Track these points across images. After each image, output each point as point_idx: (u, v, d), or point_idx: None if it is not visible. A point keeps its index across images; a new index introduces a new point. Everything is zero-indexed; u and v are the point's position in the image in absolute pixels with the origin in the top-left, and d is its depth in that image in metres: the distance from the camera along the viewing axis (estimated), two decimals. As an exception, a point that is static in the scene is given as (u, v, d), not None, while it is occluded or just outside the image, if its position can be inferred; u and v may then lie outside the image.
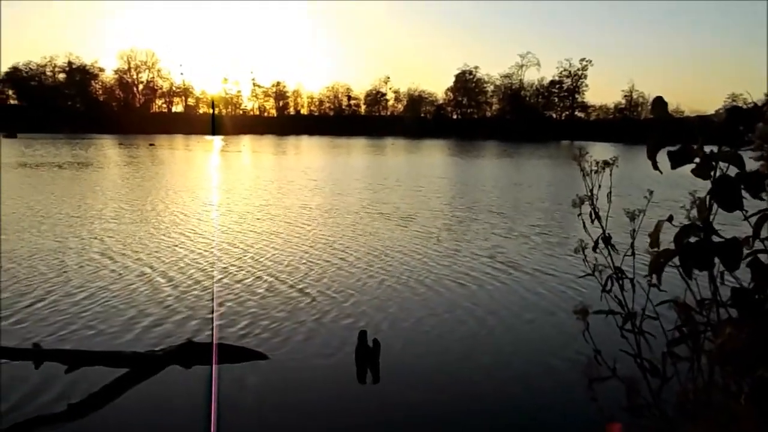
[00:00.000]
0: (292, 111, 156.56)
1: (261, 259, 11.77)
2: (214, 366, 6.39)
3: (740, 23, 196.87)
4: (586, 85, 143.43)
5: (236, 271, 10.81)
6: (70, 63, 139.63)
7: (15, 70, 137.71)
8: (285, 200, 21.48)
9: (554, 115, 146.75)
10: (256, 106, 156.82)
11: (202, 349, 6.59)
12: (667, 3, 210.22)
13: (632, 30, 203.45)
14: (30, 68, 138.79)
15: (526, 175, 35.96)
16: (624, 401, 1.59)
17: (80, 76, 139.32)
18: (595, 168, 1.78)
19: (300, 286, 9.77)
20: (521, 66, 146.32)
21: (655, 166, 1.51)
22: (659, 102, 1.50)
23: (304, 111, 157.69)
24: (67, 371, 5.97)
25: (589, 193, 1.80)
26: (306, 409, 5.62)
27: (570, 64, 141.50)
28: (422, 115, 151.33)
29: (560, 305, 8.87)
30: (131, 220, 16.26)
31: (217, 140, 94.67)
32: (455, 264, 11.58)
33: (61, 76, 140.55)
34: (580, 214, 1.82)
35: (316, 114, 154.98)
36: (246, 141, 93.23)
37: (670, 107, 1.52)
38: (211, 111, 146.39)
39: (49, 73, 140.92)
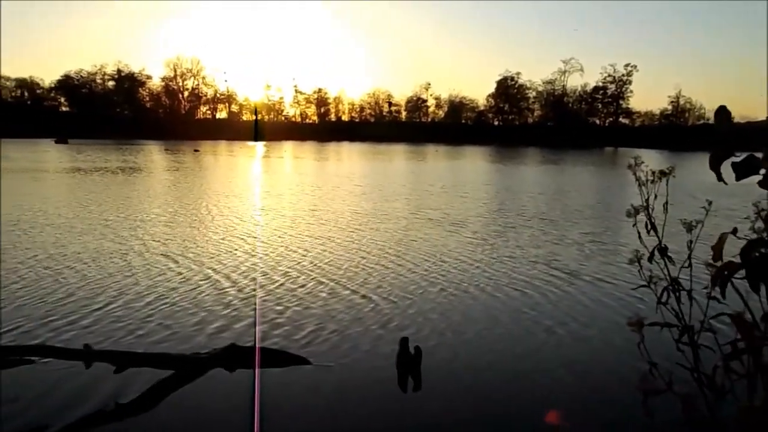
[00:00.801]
0: (333, 117, 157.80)
1: (308, 264, 11.87)
2: (256, 370, 6.45)
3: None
4: (631, 91, 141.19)
5: (282, 275, 10.91)
6: (119, 71, 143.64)
7: (67, 78, 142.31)
8: (333, 205, 21.63)
9: (598, 122, 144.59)
10: (298, 112, 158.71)
11: (245, 353, 6.66)
12: (716, 7, 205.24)
13: (679, 34, 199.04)
14: (81, 76, 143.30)
15: (572, 182, 35.53)
16: (680, 416, 1.55)
17: (128, 83, 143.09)
18: (651, 177, 1.75)
19: (346, 291, 9.82)
20: (564, 72, 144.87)
21: (720, 178, 1.48)
22: (723, 111, 1.47)
23: (345, 117, 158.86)
24: (116, 372, 6.11)
25: (645, 203, 1.77)
26: (347, 415, 5.63)
27: (614, 69, 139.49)
28: (463, 121, 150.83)
29: (614, 316, 8.67)
30: (180, 224, 16.60)
31: (260, 146, 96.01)
32: (506, 271, 11.48)
33: (111, 83, 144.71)
34: (634, 224, 1.79)
35: (357, 120, 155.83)
36: (288, 147, 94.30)
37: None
38: (254, 117, 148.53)
39: (99, 81, 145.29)
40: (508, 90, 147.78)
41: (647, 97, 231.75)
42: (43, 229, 15.29)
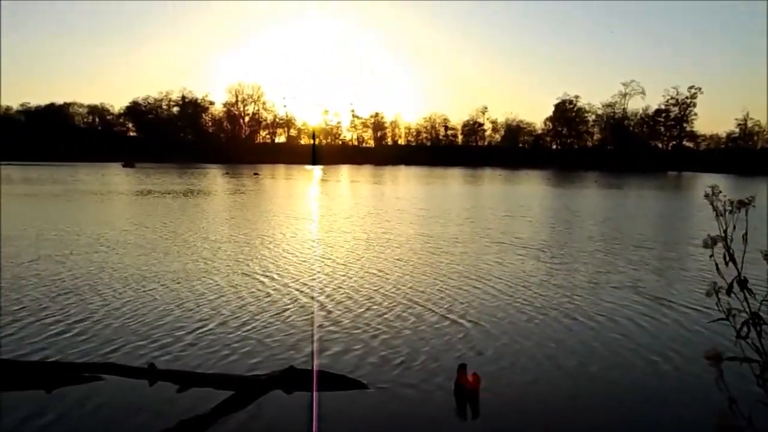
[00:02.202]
0: (389, 141, 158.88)
1: (369, 286, 11.94)
2: (314, 393, 6.48)
3: None
4: (695, 114, 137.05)
5: (342, 297, 10.98)
6: (183, 97, 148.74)
7: (135, 105, 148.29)
8: (398, 228, 21.72)
9: (660, 145, 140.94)
10: (355, 136, 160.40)
11: (303, 376, 6.71)
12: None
13: (746, 56, 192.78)
14: (148, 102, 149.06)
15: (638, 207, 34.65)
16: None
17: (192, 109, 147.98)
18: (730, 208, 1.70)
19: (408, 315, 9.80)
20: (624, 95, 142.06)
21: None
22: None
23: (401, 141, 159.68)
24: (179, 391, 6.24)
25: (722, 234, 1.72)
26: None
27: (677, 92, 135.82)
28: (520, 145, 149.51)
29: (693, 347, 8.34)
30: (242, 246, 16.92)
31: (317, 170, 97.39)
32: (579, 296, 11.28)
33: (175, 109, 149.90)
34: (711, 255, 1.74)
35: (413, 144, 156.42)
36: (345, 171, 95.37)
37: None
38: (311, 141, 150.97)
39: (164, 107, 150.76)
40: (566, 113, 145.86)
41: (713, 120, 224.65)
42: (112, 249, 15.85)
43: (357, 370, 7.23)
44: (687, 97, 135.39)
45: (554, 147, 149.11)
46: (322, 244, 17.62)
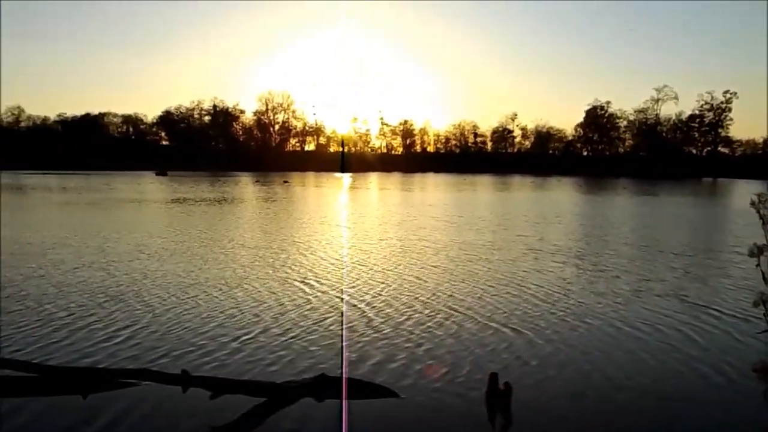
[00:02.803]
0: (418, 148, 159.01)
1: (401, 293, 11.92)
2: (344, 401, 6.47)
3: None
4: (731, 119, 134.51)
5: (373, 304, 10.98)
6: (215, 106, 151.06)
7: (167, 114, 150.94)
8: (436, 236, 21.62)
9: (694, 151, 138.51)
10: (384, 144, 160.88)
11: (334, 383, 6.71)
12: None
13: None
14: (180, 112, 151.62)
15: (675, 214, 34.01)
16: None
17: (223, 117, 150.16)
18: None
19: (438, 322, 9.75)
20: (657, 100, 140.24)
21: None
22: None
23: (430, 148, 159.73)
24: (212, 397, 6.29)
25: (769, 242, 1.67)
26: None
27: (712, 97, 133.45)
28: (550, 151, 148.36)
29: (739, 359, 7.90)
30: (274, 253, 17.02)
31: (346, 177, 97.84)
32: (619, 305, 11.12)
33: (207, 118, 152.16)
34: (758, 264, 1.69)
35: (442, 151, 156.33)
36: (374, 178, 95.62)
37: None
38: (340, 149, 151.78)
39: (196, 116, 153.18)
40: (597, 119, 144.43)
41: (749, 125, 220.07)
42: (151, 257, 16.09)
43: (388, 378, 7.20)
44: (722, 102, 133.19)
45: (585, 153, 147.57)
46: (356, 251, 17.69)
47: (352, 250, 17.96)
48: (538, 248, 18.41)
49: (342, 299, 11.37)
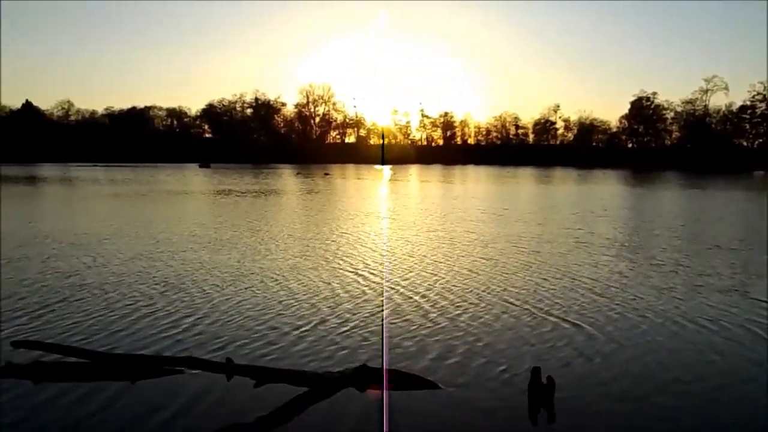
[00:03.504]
0: (459, 141, 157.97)
1: (445, 285, 11.92)
2: (385, 392, 6.51)
3: None
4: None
5: (415, 296, 10.99)
6: (256, 99, 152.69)
7: (210, 107, 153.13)
8: (483, 228, 21.57)
9: (745, 143, 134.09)
10: (424, 136, 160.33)
11: (375, 374, 6.75)
12: None
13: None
14: (223, 105, 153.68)
15: (728, 209, 32.65)
16: None
17: (264, 110, 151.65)
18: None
19: (482, 315, 9.72)
20: (706, 91, 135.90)
21: None
22: None
23: (470, 140, 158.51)
24: (255, 386, 6.39)
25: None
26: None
27: (765, 87, 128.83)
28: (594, 144, 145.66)
29: None
30: (316, 244, 17.24)
31: (386, 169, 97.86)
32: (679, 300, 10.87)
33: (249, 111, 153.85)
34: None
35: (483, 143, 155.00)
36: (413, 170, 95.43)
37: None
38: (380, 141, 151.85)
39: (238, 109, 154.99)
40: (643, 111, 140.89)
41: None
42: (202, 247, 16.46)
43: (430, 369, 7.20)
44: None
45: (630, 146, 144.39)
46: (401, 242, 17.79)
47: (398, 241, 18.04)
48: (589, 241, 18.16)
49: (385, 289, 11.43)
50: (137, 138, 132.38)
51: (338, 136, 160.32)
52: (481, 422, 5.94)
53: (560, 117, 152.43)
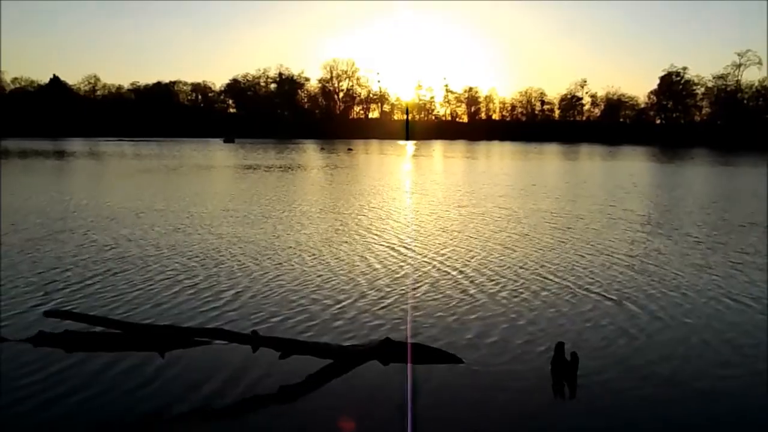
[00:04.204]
0: (483, 116, 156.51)
1: (468, 261, 11.90)
2: (408, 365, 6.55)
3: None
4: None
5: (439, 271, 11.01)
6: (280, 74, 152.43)
7: (235, 82, 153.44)
8: (515, 204, 21.53)
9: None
10: (448, 111, 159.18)
11: (399, 348, 6.79)
12: None
13: None
14: (247, 80, 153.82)
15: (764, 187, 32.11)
16: None
17: (288, 86, 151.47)
18: None
19: (506, 291, 9.71)
20: (738, 65, 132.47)
21: None
22: None
23: (495, 116, 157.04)
24: (281, 357, 6.47)
25: None
26: (498, 417, 5.53)
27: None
28: (621, 120, 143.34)
29: None
30: (342, 219, 17.37)
31: (410, 145, 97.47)
32: (719, 277, 10.75)
33: (273, 86, 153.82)
34: None
35: (508, 119, 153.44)
36: (438, 146, 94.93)
37: None
38: (404, 117, 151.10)
39: (262, 84, 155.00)
40: (672, 86, 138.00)
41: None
42: (235, 221, 16.69)
43: (454, 344, 7.21)
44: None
45: (658, 122, 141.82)
46: (432, 218, 17.90)
47: (428, 216, 18.07)
48: (621, 218, 18.05)
49: (411, 264, 11.46)
50: (162, 113, 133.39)
51: (362, 112, 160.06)
52: (506, 396, 5.95)
53: (587, 92, 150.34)
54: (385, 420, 5.46)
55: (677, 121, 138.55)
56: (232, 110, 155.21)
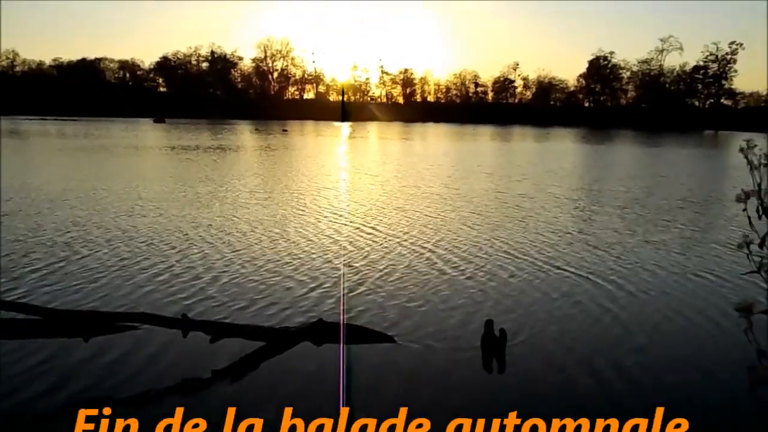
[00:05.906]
0: (418, 98, 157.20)
1: (398, 243, 11.96)
2: (341, 345, 6.60)
3: None
4: (735, 71, 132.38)
5: (370, 253, 11.05)
6: (212, 52, 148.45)
7: (165, 60, 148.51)
8: (431, 185, 21.72)
9: (697, 103, 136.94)
10: (384, 93, 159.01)
11: (332, 328, 6.83)
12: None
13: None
14: (178, 58, 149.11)
15: (674, 166, 33.86)
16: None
17: (221, 64, 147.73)
18: (765, 161, 1.66)
19: (436, 271, 9.84)
20: (661, 51, 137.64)
21: None
22: None
23: (430, 98, 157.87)
24: (211, 341, 6.40)
25: (757, 187, 1.69)
26: (430, 394, 5.65)
27: (717, 48, 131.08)
28: (552, 102, 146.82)
29: (722, 302, 8.31)
30: (272, 202, 17.13)
31: (346, 127, 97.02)
32: (610, 255, 11.19)
33: (205, 65, 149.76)
34: (745, 209, 1.72)
35: (443, 101, 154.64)
36: (373, 127, 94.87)
37: None
38: (340, 98, 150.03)
39: (194, 62, 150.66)
40: (600, 70, 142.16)
41: (753, 77, 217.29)
42: (141, 203, 16.17)
43: (386, 324, 7.31)
44: (727, 54, 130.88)
45: (587, 105, 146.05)
46: (370, 199, 17.92)
47: (365, 197, 18.10)
48: (565, 196, 18.95)
49: (342, 246, 11.48)
50: (88, 91, 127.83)
51: (297, 92, 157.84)
52: (437, 373, 6.08)
53: (519, 75, 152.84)
54: (319, 399, 5.48)
55: (604, 104, 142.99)
56: (162, 89, 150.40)
